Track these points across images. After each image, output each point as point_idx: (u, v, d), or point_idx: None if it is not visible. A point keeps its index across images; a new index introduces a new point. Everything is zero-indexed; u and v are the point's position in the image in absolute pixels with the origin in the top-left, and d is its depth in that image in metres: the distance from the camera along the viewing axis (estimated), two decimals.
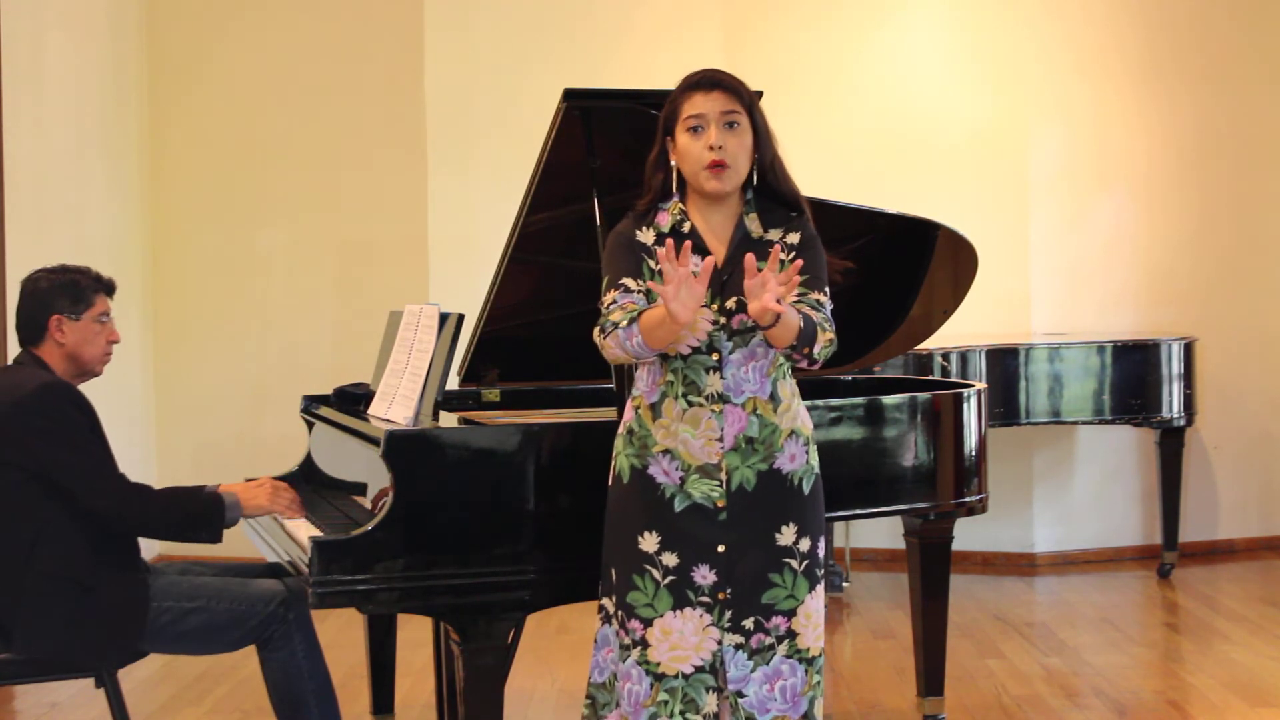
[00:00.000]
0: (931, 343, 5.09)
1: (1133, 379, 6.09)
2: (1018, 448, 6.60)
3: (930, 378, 5.38)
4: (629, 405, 2.94)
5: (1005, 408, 5.91)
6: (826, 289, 2.89)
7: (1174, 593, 6.09)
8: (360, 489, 3.52)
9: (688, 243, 2.67)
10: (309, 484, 4.01)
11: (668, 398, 2.84)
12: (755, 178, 2.90)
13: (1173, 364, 6.13)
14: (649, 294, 2.82)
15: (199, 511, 3.27)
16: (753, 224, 2.89)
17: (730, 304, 2.82)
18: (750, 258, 2.64)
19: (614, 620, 2.90)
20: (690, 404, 2.82)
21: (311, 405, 4.07)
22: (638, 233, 2.89)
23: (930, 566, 4.04)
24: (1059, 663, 4.93)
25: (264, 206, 6.90)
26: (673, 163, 2.88)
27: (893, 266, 4.23)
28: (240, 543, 3.74)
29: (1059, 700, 4.49)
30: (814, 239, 2.91)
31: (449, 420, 3.54)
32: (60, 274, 3.38)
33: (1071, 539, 6.73)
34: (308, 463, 4.07)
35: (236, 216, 6.91)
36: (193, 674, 4.87)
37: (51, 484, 3.19)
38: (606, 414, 3.36)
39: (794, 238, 2.88)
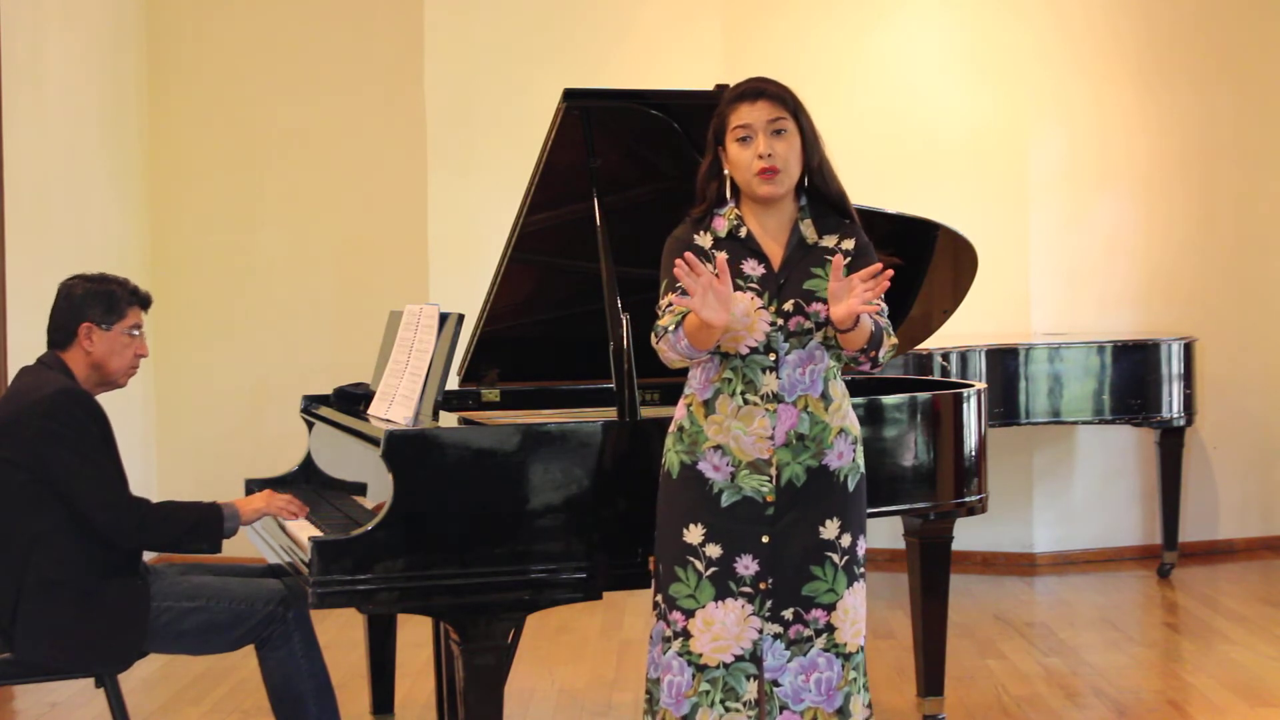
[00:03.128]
0: (931, 343, 5.10)
1: (1133, 379, 6.09)
2: (1018, 448, 6.60)
3: (930, 378, 5.38)
4: (681, 403, 2.98)
5: (1005, 408, 5.91)
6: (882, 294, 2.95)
7: (1174, 593, 6.10)
8: (360, 489, 3.52)
9: (688, 254, 2.72)
10: (309, 484, 4.01)
11: (722, 394, 2.89)
12: (806, 181, 2.95)
13: (1173, 364, 6.14)
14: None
15: (197, 524, 3.28)
16: (808, 230, 2.94)
17: (788, 306, 2.88)
18: (838, 260, 2.75)
19: (663, 615, 2.94)
20: (746, 401, 2.88)
21: (311, 405, 4.07)
22: (696, 237, 2.95)
23: (930, 566, 4.04)
24: (1059, 663, 4.93)
25: (264, 206, 6.90)
26: (726, 171, 2.94)
27: (893, 267, 4.22)
28: (241, 544, 3.74)
29: (1059, 700, 4.49)
30: (868, 246, 2.97)
31: (449, 420, 3.54)
32: (98, 283, 3.38)
33: (1071, 539, 6.73)
34: (308, 463, 4.07)
35: (236, 216, 6.91)
36: (193, 674, 4.87)
37: (55, 488, 3.19)
38: (607, 414, 3.36)
39: (849, 244, 2.95)
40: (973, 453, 3.94)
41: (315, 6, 6.87)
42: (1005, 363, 5.92)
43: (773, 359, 2.87)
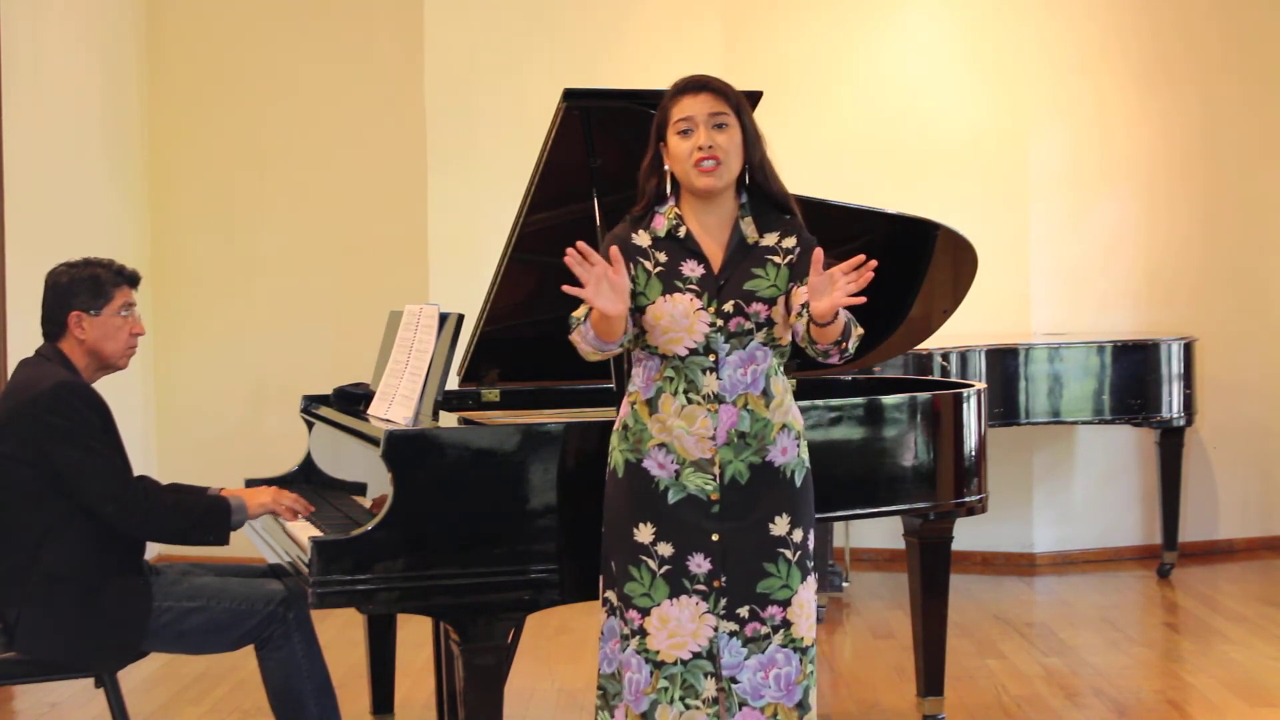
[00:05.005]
0: (931, 343, 5.09)
1: (1133, 379, 6.09)
2: (1018, 448, 6.60)
3: (930, 378, 5.38)
4: (625, 401, 2.99)
5: (1005, 408, 5.91)
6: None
7: (1174, 593, 6.10)
8: (360, 489, 3.52)
9: (580, 243, 2.70)
10: (309, 484, 4.01)
11: (664, 394, 2.90)
12: (747, 179, 2.94)
13: (1173, 364, 6.14)
14: (631, 294, 2.87)
15: (204, 516, 3.26)
16: (748, 228, 2.94)
17: (728, 307, 2.87)
18: (818, 253, 2.71)
19: (616, 612, 2.94)
20: (689, 400, 2.87)
21: (311, 405, 4.07)
22: (634, 236, 2.95)
23: (930, 566, 4.03)
24: (1059, 663, 4.93)
25: (264, 207, 6.90)
26: (666, 167, 2.94)
27: (893, 267, 4.22)
28: (241, 543, 3.74)
29: (1059, 700, 4.49)
30: (811, 240, 2.96)
31: (449, 420, 3.54)
32: (81, 268, 3.35)
33: (1071, 539, 6.73)
34: (308, 463, 4.06)
35: (236, 216, 6.91)
36: (193, 674, 4.87)
37: (60, 483, 3.19)
38: (606, 413, 3.36)
39: (790, 242, 2.94)
40: (973, 453, 3.94)
41: (316, 6, 6.86)
42: (1005, 363, 5.92)
43: (712, 360, 2.87)
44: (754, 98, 3.53)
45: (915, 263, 4.21)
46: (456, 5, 6.75)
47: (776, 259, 2.91)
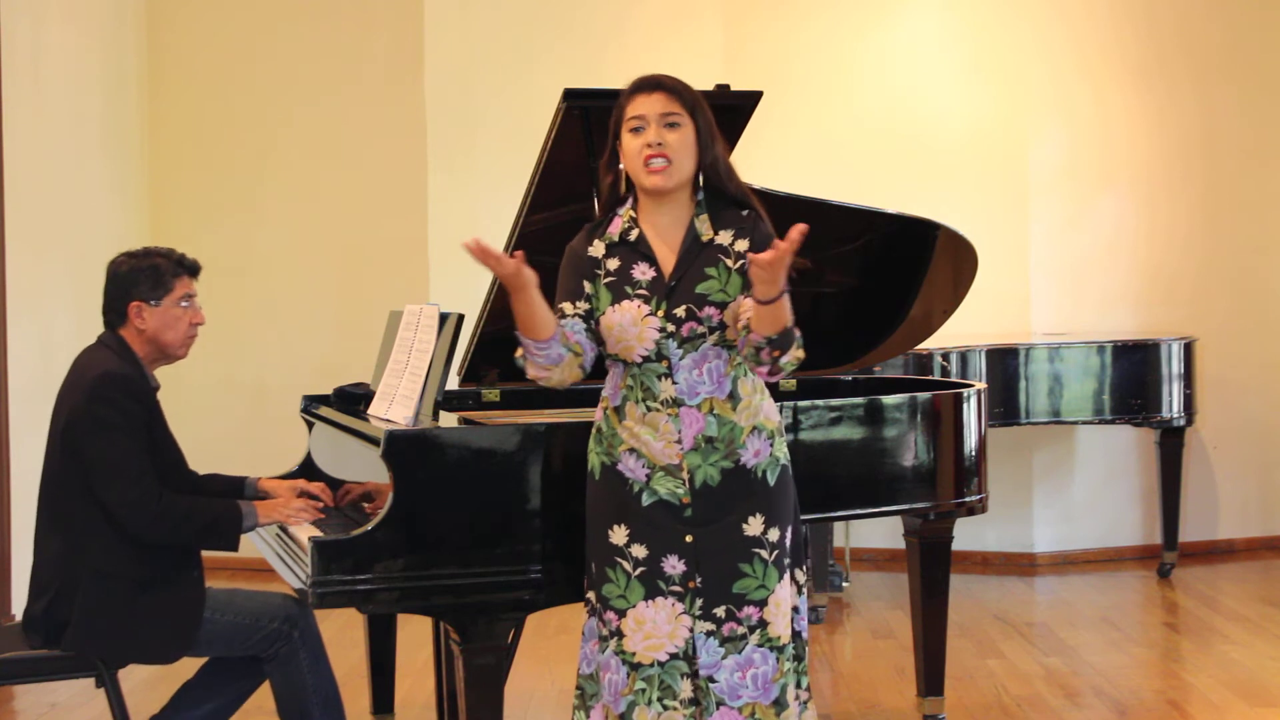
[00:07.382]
0: (931, 343, 5.09)
1: (1133, 379, 6.09)
2: (1018, 448, 6.60)
3: (930, 378, 5.38)
4: (599, 406, 3.00)
5: (1005, 408, 5.91)
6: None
7: (1174, 593, 6.10)
8: None
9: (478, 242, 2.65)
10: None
11: (629, 401, 2.91)
12: (702, 178, 2.92)
13: (1173, 364, 6.14)
14: (585, 315, 2.90)
15: (214, 522, 3.24)
16: (703, 225, 2.92)
17: (679, 311, 2.86)
18: (781, 252, 2.59)
19: (597, 613, 2.95)
20: (649, 408, 2.88)
21: (311, 405, 4.07)
22: (589, 247, 2.96)
23: (930, 566, 4.04)
24: (1059, 663, 4.93)
25: (264, 206, 6.90)
26: (621, 166, 2.94)
27: (893, 266, 4.23)
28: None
29: (1059, 700, 4.49)
30: (769, 238, 2.88)
31: (449, 420, 3.54)
32: (141, 258, 3.36)
33: (1071, 539, 6.73)
34: (308, 463, 4.06)
35: (236, 216, 6.91)
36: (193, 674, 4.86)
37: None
38: None
39: (742, 244, 2.89)
40: (973, 453, 3.94)
41: (316, 5, 6.87)
42: (1005, 363, 5.92)
43: (665, 365, 2.86)
44: (754, 98, 3.54)
45: (915, 263, 4.22)
46: (456, 5, 6.75)
47: (728, 261, 2.87)
